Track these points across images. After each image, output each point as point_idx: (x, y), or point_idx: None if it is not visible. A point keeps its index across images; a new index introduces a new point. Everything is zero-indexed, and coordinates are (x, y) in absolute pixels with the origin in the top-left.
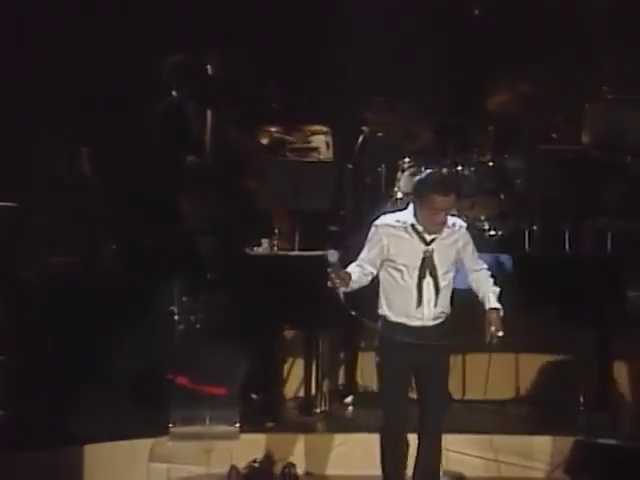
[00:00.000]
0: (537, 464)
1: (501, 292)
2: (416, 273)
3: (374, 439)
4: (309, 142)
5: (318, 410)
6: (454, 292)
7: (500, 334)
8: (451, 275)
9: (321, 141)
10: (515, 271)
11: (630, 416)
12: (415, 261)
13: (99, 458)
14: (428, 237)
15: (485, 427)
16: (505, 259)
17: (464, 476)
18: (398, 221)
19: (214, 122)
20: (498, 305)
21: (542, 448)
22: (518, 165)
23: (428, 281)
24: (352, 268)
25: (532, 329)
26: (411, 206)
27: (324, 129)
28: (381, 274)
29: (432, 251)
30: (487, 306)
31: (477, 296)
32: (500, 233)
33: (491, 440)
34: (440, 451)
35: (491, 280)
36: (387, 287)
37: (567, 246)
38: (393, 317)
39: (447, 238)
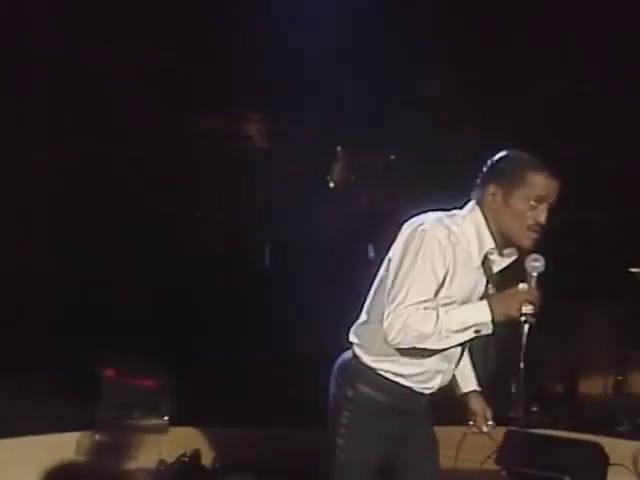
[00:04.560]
0: (469, 455)
1: None
2: None
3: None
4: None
5: None
6: None
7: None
8: None
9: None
10: None
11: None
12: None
13: (23, 452)
14: (496, 268)
15: None
16: None
17: None
18: (463, 234)
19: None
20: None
21: (473, 438)
22: None
23: None
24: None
25: None
26: (476, 213)
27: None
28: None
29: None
30: (466, 388)
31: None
32: None
33: None
34: None
35: None
36: None
37: None
38: (401, 379)
39: None
